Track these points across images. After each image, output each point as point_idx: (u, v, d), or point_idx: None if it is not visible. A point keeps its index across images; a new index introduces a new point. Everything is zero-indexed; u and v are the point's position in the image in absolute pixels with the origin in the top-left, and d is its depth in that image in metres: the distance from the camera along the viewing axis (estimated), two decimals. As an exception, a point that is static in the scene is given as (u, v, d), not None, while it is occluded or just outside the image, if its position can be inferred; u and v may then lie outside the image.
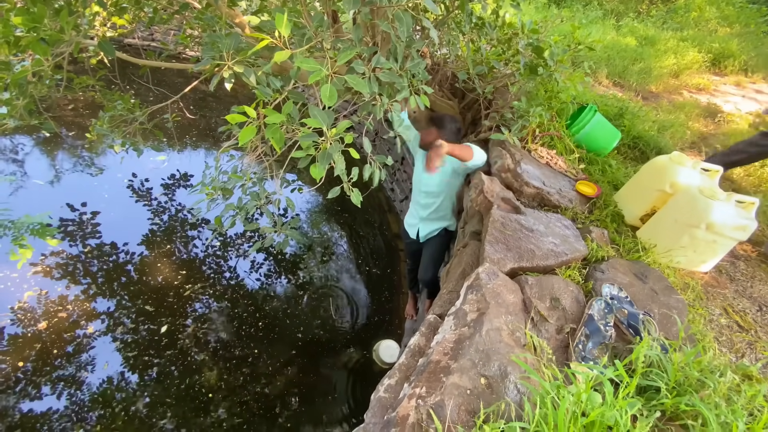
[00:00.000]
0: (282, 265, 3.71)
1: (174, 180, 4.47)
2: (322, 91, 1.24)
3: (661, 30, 5.77)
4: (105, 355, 2.82)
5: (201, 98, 5.92)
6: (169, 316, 3.09)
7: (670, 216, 1.70)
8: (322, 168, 1.41)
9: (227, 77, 1.53)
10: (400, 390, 1.11)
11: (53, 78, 2.47)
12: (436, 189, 2.33)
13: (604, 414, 0.89)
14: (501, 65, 2.21)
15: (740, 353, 1.58)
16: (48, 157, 4.62)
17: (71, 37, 2.11)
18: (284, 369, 2.89)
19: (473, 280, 1.32)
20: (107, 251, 3.56)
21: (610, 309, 1.30)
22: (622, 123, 2.68)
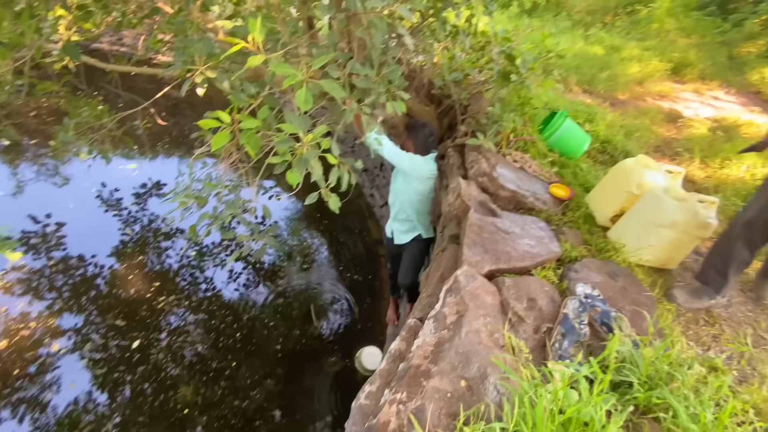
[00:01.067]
0: (261, 274, 3.64)
1: (146, 189, 4.33)
2: (297, 96, 1.24)
3: (626, 40, 6.05)
4: (71, 375, 2.68)
5: (174, 104, 5.78)
6: (142, 331, 2.98)
7: (638, 216, 1.77)
8: (298, 174, 1.40)
9: (199, 82, 1.50)
10: (381, 396, 1.10)
11: (14, 84, 2.36)
12: (396, 187, 2.43)
13: (580, 411, 0.91)
14: (475, 72, 2.27)
15: (706, 346, 1.65)
16: (9, 166, 4.39)
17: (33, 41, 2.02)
18: (264, 381, 2.82)
19: (452, 283, 1.33)
20: (74, 264, 3.40)
21: (584, 308, 1.33)
22: (592, 128, 2.79)
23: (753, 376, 1.50)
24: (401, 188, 2.40)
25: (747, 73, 5.71)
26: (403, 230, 2.57)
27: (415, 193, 2.36)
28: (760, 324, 1.76)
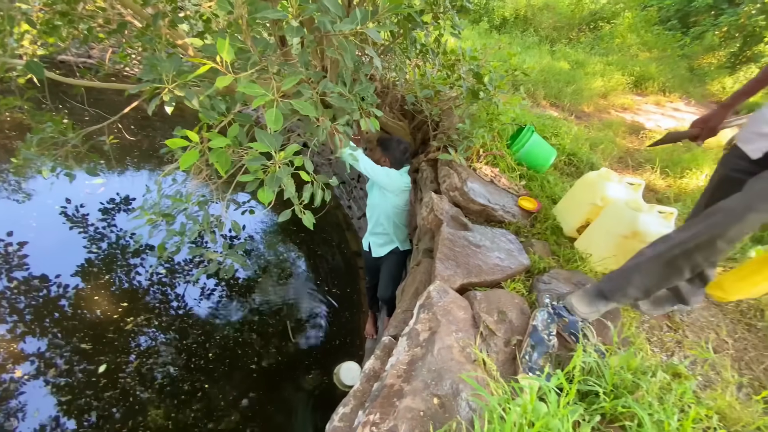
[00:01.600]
0: (235, 290, 3.56)
1: (113, 204, 4.18)
2: (267, 116, 1.24)
3: (590, 55, 6.35)
4: (36, 401, 2.53)
5: (144, 117, 5.63)
6: (109, 353, 2.84)
7: (602, 227, 1.84)
8: (270, 192, 1.39)
9: (167, 101, 1.48)
10: (355, 418, 1.09)
11: (-24, 99, 2.26)
12: (373, 201, 2.47)
13: (548, 423, 0.93)
14: (446, 89, 2.33)
15: (670, 352, 1.72)
16: (-34, 183, 4.17)
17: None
18: (239, 401, 2.74)
19: (425, 299, 1.34)
20: (36, 285, 3.23)
21: (552, 319, 1.37)
22: (558, 142, 2.90)
23: (717, 382, 1.56)
24: (377, 202, 2.43)
25: (707, 84, 6.07)
26: (379, 243, 2.60)
27: (392, 206, 2.40)
28: (722, 329, 1.85)
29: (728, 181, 1.41)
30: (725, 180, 1.44)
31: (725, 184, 1.42)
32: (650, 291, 1.34)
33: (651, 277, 1.29)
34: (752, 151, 1.34)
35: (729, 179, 1.41)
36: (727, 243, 1.20)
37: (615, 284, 1.37)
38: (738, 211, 1.18)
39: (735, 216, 1.18)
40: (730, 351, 1.75)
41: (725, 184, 1.42)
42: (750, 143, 1.35)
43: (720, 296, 1.89)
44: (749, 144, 1.35)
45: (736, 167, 1.39)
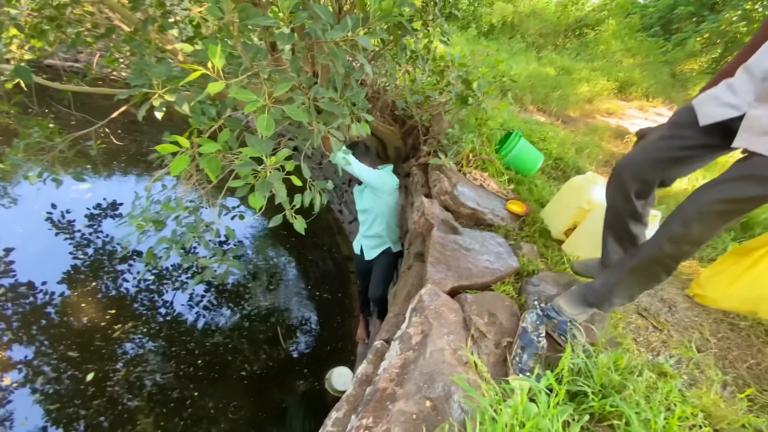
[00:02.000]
0: (224, 296, 3.53)
1: (100, 210, 4.12)
2: (259, 122, 1.24)
3: (576, 61, 6.48)
4: (24, 410, 2.48)
5: (132, 122, 5.57)
6: (97, 362, 2.79)
7: (588, 230, 1.88)
8: (261, 197, 1.39)
9: (157, 106, 1.47)
10: (348, 422, 1.10)
11: (-38, 104, 2.22)
12: (365, 206, 2.48)
13: (539, 423, 0.95)
14: (436, 94, 2.36)
15: (656, 351, 1.75)
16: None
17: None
18: (229, 409, 2.71)
19: (417, 302, 1.36)
20: (23, 292, 3.17)
21: (541, 320, 1.39)
22: (545, 147, 2.95)
23: (701, 380, 1.60)
24: (371, 205, 2.45)
25: (689, 89, 6.22)
26: (372, 245, 2.62)
27: (386, 206, 2.42)
28: (705, 329, 1.89)
29: (667, 146, 1.31)
30: (663, 144, 1.33)
31: (661, 150, 1.32)
32: (634, 297, 1.38)
33: (633, 287, 1.34)
34: (702, 116, 1.22)
35: (668, 145, 1.31)
36: (693, 245, 1.19)
37: (600, 296, 1.40)
38: (691, 220, 1.15)
39: (689, 224, 1.15)
40: (713, 350, 1.79)
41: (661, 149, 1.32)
42: (702, 106, 1.23)
43: (699, 294, 1.92)
44: (702, 107, 1.23)
45: (681, 135, 1.29)
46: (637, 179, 1.38)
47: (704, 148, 1.26)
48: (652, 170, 1.35)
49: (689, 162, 1.31)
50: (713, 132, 1.21)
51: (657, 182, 1.39)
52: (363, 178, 2.23)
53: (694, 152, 1.28)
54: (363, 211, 2.56)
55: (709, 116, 1.19)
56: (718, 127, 1.18)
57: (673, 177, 1.40)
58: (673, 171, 1.35)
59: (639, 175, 1.37)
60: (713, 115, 1.18)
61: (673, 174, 1.38)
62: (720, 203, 1.11)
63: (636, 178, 1.38)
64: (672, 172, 1.36)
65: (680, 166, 1.32)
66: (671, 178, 1.40)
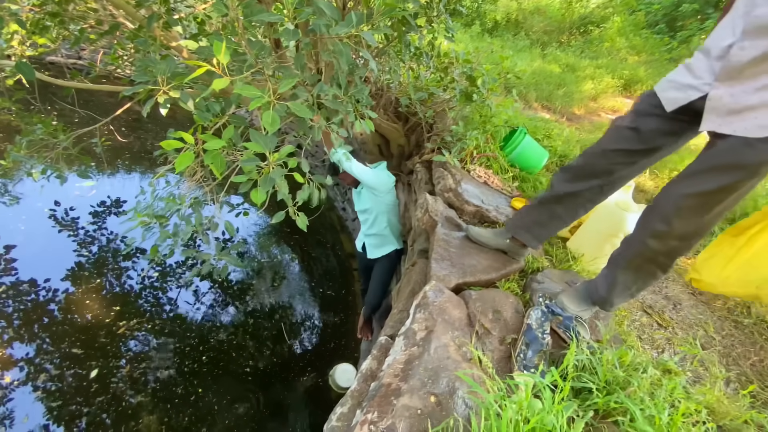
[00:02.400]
0: (228, 293, 3.54)
1: (104, 207, 4.14)
2: (263, 118, 1.24)
3: (580, 58, 6.44)
4: (25, 407, 2.49)
5: (135, 119, 5.59)
6: (100, 358, 2.81)
7: (593, 228, 1.88)
8: (263, 193, 1.39)
9: (162, 102, 1.48)
10: (353, 417, 1.10)
11: (-36, 100, 2.23)
12: (364, 206, 2.49)
13: (543, 419, 0.95)
14: (440, 91, 2.35)
15: (660, 349, 1.75)
16: (-48, 185, 4.09)
17: (-17, 58, 1.93)
18: (233, 405, 2.72)
19: (421, 298, 1.36)
20: (25, 290, 3.18)
21: (546, 317, 1.39)
22: (550, 144, 2.94)
23: (705, 377, 1.60)
24: (371, 205, 2.46)
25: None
26: (375, 244, 2.62)
27: (385, 205, 2.43)
28: (710, 326, 1.89)
29: (634, 137, 1.26)
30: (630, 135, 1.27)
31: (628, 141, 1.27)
32: (634, 295, 1.36)
33: (630, 286, 1.33)
34: (666, 102, 1.18)
35: (636, 136, 1.26)
36: (681, 240, 1.16)
37: (600, 297, 1.39)
38: (669, 215, 1.13)
39: (668, 220, 1.13)
40: (717, 347, 1.79)
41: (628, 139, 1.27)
42: (665, 91, 1.19)
43: (696, 279, 1.89)
44: (665, 92, 1.19)
45: (647, 124, 1.24)
46: (604, 172, 1.35)
47: (673, 135, 1.23)
48: (622, 163, 1.31)
49: (659, 151, 1.27)
50: (681, 116, 1.17)
51: (625, 178, 1.37)
52: (362, 178, 2.24)
53: (663, 140, 1.24)
54: (363, 212, 2.57)
55: (673, 101, 1.16)
56: (684, 110, 1.15)
57: (640, 170, 1.36)
58: (641, 163, 1.31)
59: (609, 169, 1.33)
60: (677, 100, 1.15)
61: (641, 167, 1.34)
62: (690, 198, 1.09)
63: (603, 171, 1.35)
64: (640, 165, 1.32)
65: (650, 156, 1.29)
66: (638, 171, 1.36)
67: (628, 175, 1.35)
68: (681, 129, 1.20)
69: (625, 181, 1.39)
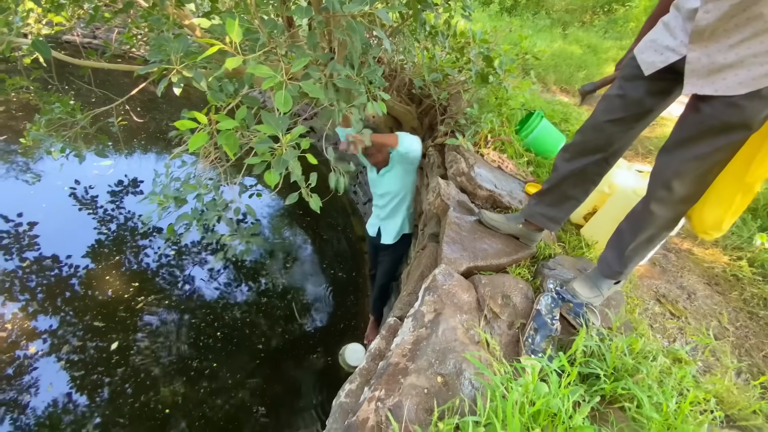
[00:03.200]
0: (242, 272, 3.62)
1: (122, 187, 4.23)
2: (276, 98, 1.24)
3: (603, 39, 6.19)
4: (49, 377, 2.62)
5: (150, 99, 5.64)
6: (120, 332, 2.92)
7: (609, 214, 1.84)
8: (277, 174, 1.40)
9: (176, 82, 1.48)
10: (360, 394, 1.13)
11: (-17, 79, 2.27)
12: (388, 189, 2.41)
13: (549, 402, 0.96)
14: (455, 72, 2.30)
15: (672, 338, 1.74)
16: (-23, 163, 4.22)
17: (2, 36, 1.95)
18: (247, 380, 2.81)
19: (430, 281, 1.36)
20: (48, 265, 3.30)
21: (556, 303, 1.39)
22: (567, 128, 2.86)
23: (716, 367, 1.59)
24: (398, 186, 2.38)
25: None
26: (391, 230, 2.58)
27: (411, 183, 2.40)
28: (724, 317, 1.86)
29: (622, 105, 1.24)
30: (619, 103, 1.25)
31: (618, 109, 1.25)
32: (646, 257, 1.41)
33: (644, 252, 1.35)
34: (644, 65, 1.15)
35: (624, 104, 1.24)
36: (688, 203, 1.17)
37: (616, 271, 1.40)
38: (671, 181, 1.13)
39: (670, 186, 1.13)
40: (731, 338, 1.76)
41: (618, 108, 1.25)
42: (643, 53, 1.16)
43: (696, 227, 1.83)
44: (643, 54, 1.16)
45: (634, 89, 1.20)
46: (604, 145, 1.34)
47: (662, 94, 1.20)
48: (618, 131, 1.29)
49: (652, 112, 1.25)
50: (664, 77, 1.15)
51: (626, 144, 1.36)
52: (409, 149, 2.15)
53: (653, 101, 1.21)
54: (384, 195, 2.48)
55: (651, 64, 1.14)
56: (665, 71, 1.12)
57: (639, 133, 1.35)
58: (638, 127, 1.30)
59: (607, 140, 1.32)
60: (654, 63, 1.13)
61: (638, 130, 1.32)
62: (687, 163, 1.09)
63: (602, 144, 1.33)
64: (637, 129, 1.31)
65: (644, 119, 1.26)
66: (637, 134, 1.34)
67: (627, 141, 1.35)
68: (669, 87, 1.18)
69: (626, 147, 1.38)
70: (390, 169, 2.34)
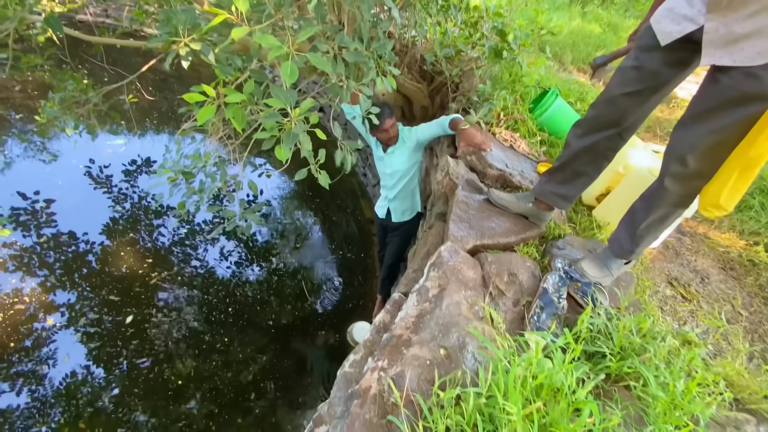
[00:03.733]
0: (253, 252, 3.67)
1: (135, 166, 4.29)
2: (282, 69, 1.23)
3: (624, 17, 5.95)
4: (66, 348, 2.73)
5: (162, 79, 5.66)
6: (135, 306, 3.01)
7: (623, 195, 1.79)
8: (287, 149, 1.39)
9: (183, 55, 1.47)
10: (364, 364, 1.14)
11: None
12: (398, 167, 2.38)
13: (552, 377, 0.96)
14: (468, 48, 2.23)
15: (683, 321, 1.71)
16: (-5, 141, 4.32)
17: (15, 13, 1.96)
18: (257, 355, 2.89)
19: (435, 258, 1.36)
20: (65, 241, 3.40)
21: (563, 282, 1.37)
22: (583, 107, 2.78)
23: (727, 351, 1.56)
24: (408, 164, 2.36)
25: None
26: (402, 208, 2.57)
27: (419, 161, 2.39)
28: (738, 301, 1.82)
29: (638, 77, 1.19)
30: (635, 75, 1.20)
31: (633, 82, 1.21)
32: (660, 237, 1.40)
33: (656, 232, 1.33)
34: (661, 35, 1.11)
35: (639, 76, 1.20)
36: (703, 179, 1.14)
37: (628, 250, 1.37)
38: (686, 157, 1.10)
39: (685, 162, 1.11)
40: (744, 323, 1.73)
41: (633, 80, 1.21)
42: (659, 23, 1.12)
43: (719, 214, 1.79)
44: (659, 24, 1.12)
45: (650, 60, 1.16)
46: (618, 119, 1.29)
47: (680, 65, 1.15)
48: (633, 105, 1.25)
49: (668, 84, 1.21)
50: (681, 47, 1.10)
51: (640, 119, 1.31)
52: (422, 132, 2.13)
53: (670, 72, 1.17)
54: (393, 174, 2.43)
55: (668, 34, 1.10)
56: (683, 41, 1.08)
57: (654, 107, 1.31)
58: (653, 100, 1.25)
59: (622, 115, 1.28)
60: (671, 33, 1.09)
61: (653, 104, 1.28)
62: (705, 137, 1.06)
63: (617, 118, 1.29)
64: (652, 102, 1.26)
65: (659, 91, 1.22)
66: (652, 108, 1.30)
67: (642, 115, 1.31)
68: (686, 57, 1.13)
69: (641, 121, 1.34)
70: (398, 148, 2.32)
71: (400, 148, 2.30)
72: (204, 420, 2.50)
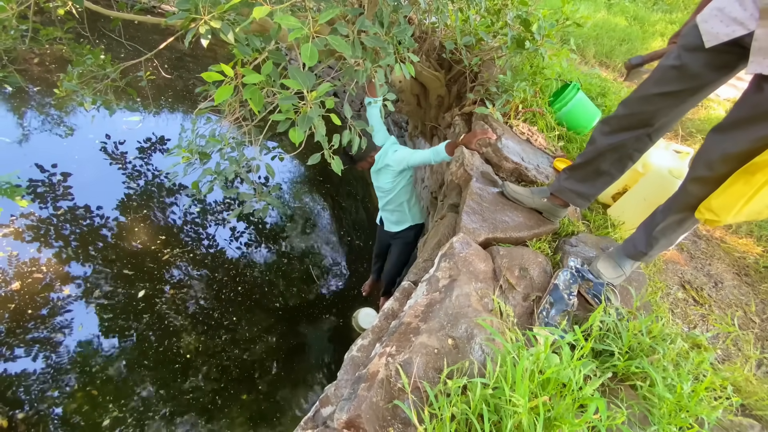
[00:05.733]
0: (263, 234, 3.71)
1: (150, 143, 4.33)
2: (302, 51, 1.21)
3: (651, 11, 5.75)
4: (80, 318, 2.81)
5: (178, 57, 5.65)
6: (147, 281, 3.08)
7: (640, 195, 1.76)
8: (301, 132, 1.39)
9: (203, 33, 1.46)
10: (372, 349, 1.16)
11: (18, 28, 2.31)
12: (384, 186, 2.34)
13: (560, 372, 0.96)
14: (489, 37, 2.18)
15: (693, 324, 1.69)
16: (14, 113, 4.38)
17: (35, -18, 1.97)
18: (263, 335, 2.94)
19: (447, 248, 1.35)
20: (81, 215, 3.47)
21: (575, 279, 1.36)
22: (604, 102, 2.71)
23: (737, 356, 1.55)
24: (389, 187, 2.32)
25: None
26: (392, 220, 2.55)
27: (405, 180, 2.33)
28: (751, 307, 1.79)
29: (678, 76, 1.15)
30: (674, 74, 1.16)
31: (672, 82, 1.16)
32: (675, 242, 1.35)
33: (672, 236, 1.31)
34: (707, 36, 1.05)
35: (679, 75, 1.15)
36: (718, 184, 1.11)
37: (642, 252, 1.35)
38: (714, 162, 1.08)
39: (713, 167, 1.08)
40: (755, 330, 1.70)
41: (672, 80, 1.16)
42: (706, 23, 1.06)
43: (710, 219, 1.77)
44: (706, 24, 1.06)
45: (692, 61, 1.11)
46: (650, 119, 1.25)
47: (724, 68, 1.10)
48: (668, 106, 1.20)
49: (707, 87, 1.15)
50: (727, 50, 1.04)
51: (672, 120, 1.27)
52: (410, 161, 2.09)
53: (712, 75, 1.12)
54: (379, 188, 2.41)
55: (714, 36, 1.04)
56: (729, 44, 1.02)
57: (688, 110, 1.26)
58: (689, 103, 1.21)
59: (654, 115, 1.23)
60: (718, 35, 1.03)
61: (688, 106, 1.23)
62: (745, 144, 1.02)
63: (648, 118, 1.24)
64: (688, 105, 1.22)
65: (698, 94, 1.17)
66: (686, 111, 1.26)
67: (675, 117, 1.26)
68: (731, 62, 1.08)
69: (672, 123, 1.30)
70: (383, 168, 2.27)
71: (385, 170, 2.26)
72: (210, 394, 2.57)
